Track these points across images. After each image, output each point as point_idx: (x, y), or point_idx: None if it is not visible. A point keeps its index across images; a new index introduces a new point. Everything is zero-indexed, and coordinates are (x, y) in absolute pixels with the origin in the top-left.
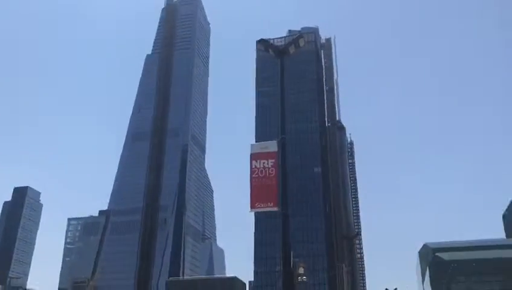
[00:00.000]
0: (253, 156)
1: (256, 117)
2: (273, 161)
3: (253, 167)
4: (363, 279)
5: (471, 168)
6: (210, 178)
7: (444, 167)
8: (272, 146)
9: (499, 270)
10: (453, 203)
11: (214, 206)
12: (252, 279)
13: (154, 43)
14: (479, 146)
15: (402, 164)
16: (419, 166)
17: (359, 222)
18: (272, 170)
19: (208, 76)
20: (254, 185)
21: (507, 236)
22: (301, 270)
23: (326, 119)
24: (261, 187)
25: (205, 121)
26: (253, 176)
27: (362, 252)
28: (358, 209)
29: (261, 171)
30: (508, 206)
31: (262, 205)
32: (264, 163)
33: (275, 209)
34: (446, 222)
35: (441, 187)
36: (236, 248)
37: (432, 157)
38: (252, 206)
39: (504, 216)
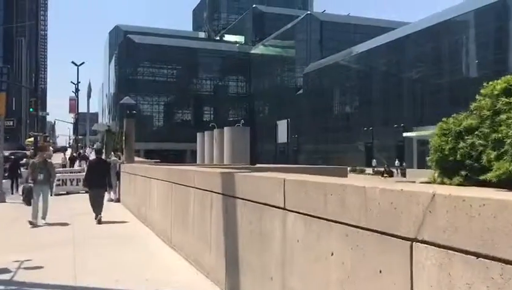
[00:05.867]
0: None
1: None
2: None
3: None
4: (45, 51)
5: None
6: None
7: None
8: None
9: (180, 56)
10: None
11: None
12: None
13: None
14: None
15: None
16: None
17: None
18: None
19: None
20: None
21: (194, 29)
22: None
23: None
24: None
25: None
26: None
27: (46, 28)
28: None
29: None
30: (199, 4)
31: None
32: None
33: None
34: (138, 7)
35: None
36: None
37: None
38: None
39: (194, 11)
